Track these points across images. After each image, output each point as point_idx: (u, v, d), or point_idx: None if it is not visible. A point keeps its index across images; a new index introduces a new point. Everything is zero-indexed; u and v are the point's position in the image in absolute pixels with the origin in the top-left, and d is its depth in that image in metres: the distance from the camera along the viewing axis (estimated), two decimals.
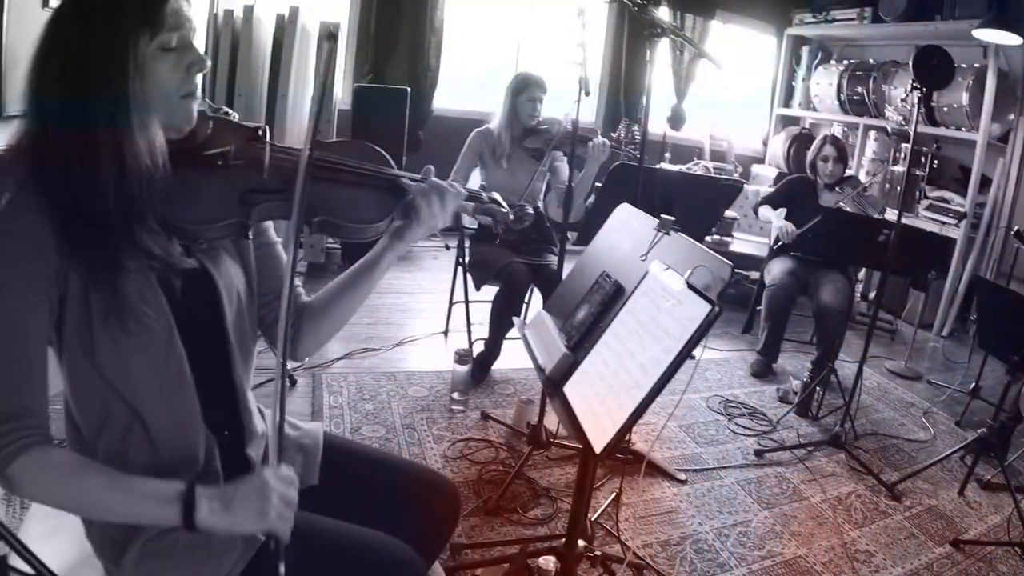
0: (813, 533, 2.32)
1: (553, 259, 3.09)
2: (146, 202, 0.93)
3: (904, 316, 4.84)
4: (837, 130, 5.56)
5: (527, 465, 2.43)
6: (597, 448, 1.23)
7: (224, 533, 0.92)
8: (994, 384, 3.33)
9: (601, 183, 2.83)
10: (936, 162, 4.97)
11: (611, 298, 1.51)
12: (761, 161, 6.43)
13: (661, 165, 4.75)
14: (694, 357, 1.22)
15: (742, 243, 4.89)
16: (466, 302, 3.40)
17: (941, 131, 4.84)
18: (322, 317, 1.22)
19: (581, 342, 1.48)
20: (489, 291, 3.08)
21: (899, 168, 4.97)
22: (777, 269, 3.62)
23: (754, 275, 4.34)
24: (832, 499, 2.54)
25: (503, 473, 2.41)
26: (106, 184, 0.89)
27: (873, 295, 4.69)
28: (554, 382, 1.44)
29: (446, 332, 3.71)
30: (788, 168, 5.97)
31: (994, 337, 2.84)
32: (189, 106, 0.98)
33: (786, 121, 6.42)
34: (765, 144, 6.50)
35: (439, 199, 1.15)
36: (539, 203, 3.27)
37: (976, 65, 4.52)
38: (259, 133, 1.08)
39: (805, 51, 6.16)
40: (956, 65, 3.00)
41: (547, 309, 1.75)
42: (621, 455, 2.50)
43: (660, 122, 5.15)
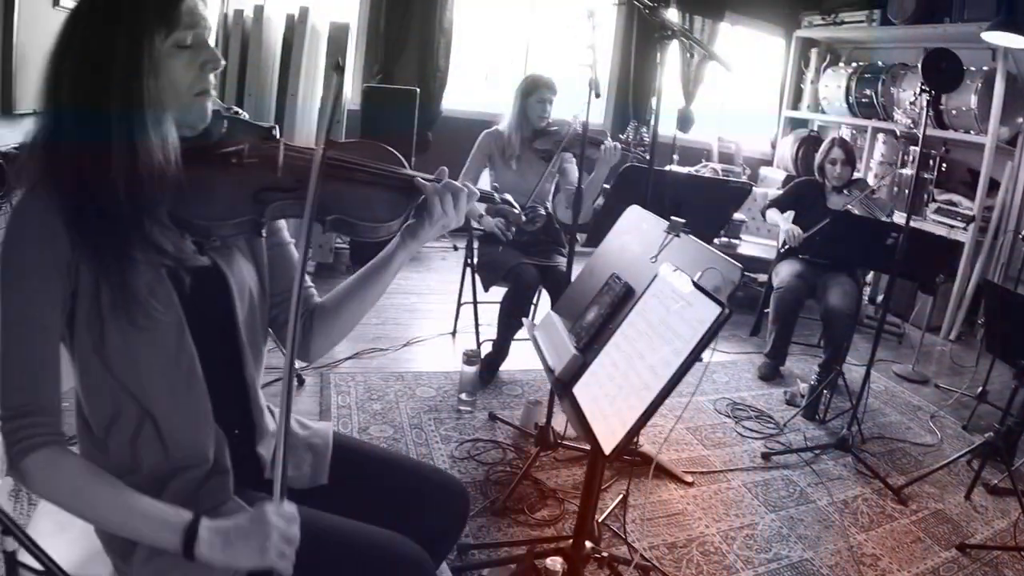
0: (819, 536, 2.31)
1: (562, 260, 3.10)
2: (157, 196, 0.93)
3: (912, 319, 4.83)
4: (845, 133, 5.57)
5: (534, 466, 2.43)
6: (607, 449, 1.23)
7: (223, 567, 0.92)
8: (1001, 388, 3.31)
9: (611, 185, 2.84)
10: (944, 165, 4.96)
11: (621, 299, 1.52)
12: (769, 164, 6.41)
13: (670, 167, 4.74)
14: (702, 359, 1.22)
15: (750, 246, 4.89)
16: (474, 303, 3.41)
17: (950, 134, 4.82)
18: (334, 317, 1.23)
19: (591, 343, 1.49)
20: (497, 292, 3.08)
21: (907, 171, 4.95)
22: (785, 272, 3.61)
23: (762, 278, 4.33)
24: (839, 502, 2.53)
25: (510, 474, 2.42)
26: (117, 177, 0.90)
27: (881, 298, 4.68)
28: (564, 383, 1.44)
29: (454, 333, 3.72)
30: (796, 171, 5.95)
31: (1002, 341, 2.84)
32: (203, 104, 0.99)
33: (794, 123, 6.40)
34: (773, 146, 6.49)
35: (453, 199, 1.15)
36: (548, 204, 3.28)
37: (985, 68, 4.50)
38: (272, 132, 1.09)
39: (814, 53, 6.13)
40: (965, 68, 3.00)
41: (556, 310, 1.76)
42: (629, 457, 2.50)
43: (669, 124, 5.15)
